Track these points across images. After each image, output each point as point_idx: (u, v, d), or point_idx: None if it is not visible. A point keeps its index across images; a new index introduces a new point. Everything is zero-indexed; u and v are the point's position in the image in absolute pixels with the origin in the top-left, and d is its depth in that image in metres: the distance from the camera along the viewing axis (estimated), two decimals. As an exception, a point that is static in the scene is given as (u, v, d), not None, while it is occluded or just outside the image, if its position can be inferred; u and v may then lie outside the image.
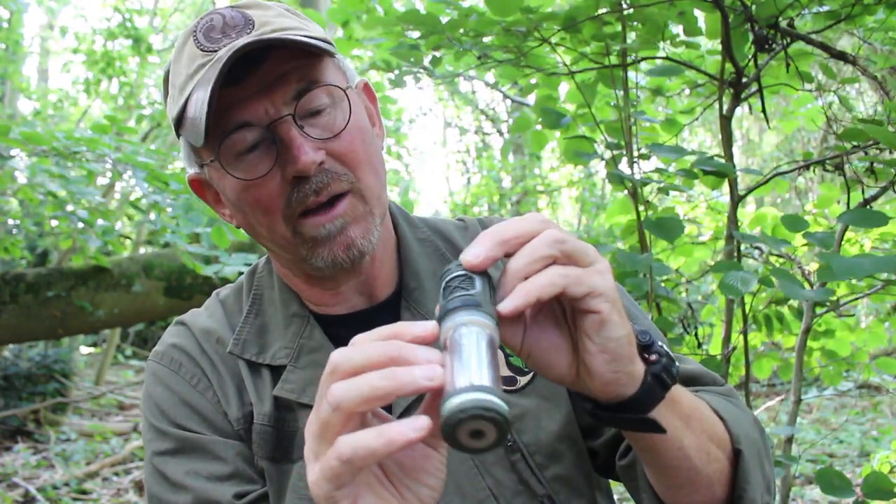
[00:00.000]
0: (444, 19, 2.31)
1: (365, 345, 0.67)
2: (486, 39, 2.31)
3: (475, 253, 0.70)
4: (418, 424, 0.62)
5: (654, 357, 0.79)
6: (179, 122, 1.00)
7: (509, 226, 0.72)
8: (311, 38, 0.99)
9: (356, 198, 1.00)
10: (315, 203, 0.98)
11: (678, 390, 0.84)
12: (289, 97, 0.97)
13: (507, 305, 0.68)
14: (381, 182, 1.05)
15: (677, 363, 0.81)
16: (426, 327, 0.67)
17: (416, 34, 2.37)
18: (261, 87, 0.96)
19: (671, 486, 0.91)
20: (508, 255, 0.72)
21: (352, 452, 0.63)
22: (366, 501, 0.68)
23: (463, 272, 0.70)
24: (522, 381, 1.08)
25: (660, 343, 0.80)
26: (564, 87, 2.74)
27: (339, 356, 0.67)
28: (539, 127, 2.72)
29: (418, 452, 0.71)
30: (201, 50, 0.98)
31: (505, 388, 1.06)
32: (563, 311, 0.77)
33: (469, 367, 0.62)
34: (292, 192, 0.98)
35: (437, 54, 2.42)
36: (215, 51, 0.97)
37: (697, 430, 0.86)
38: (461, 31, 2.29)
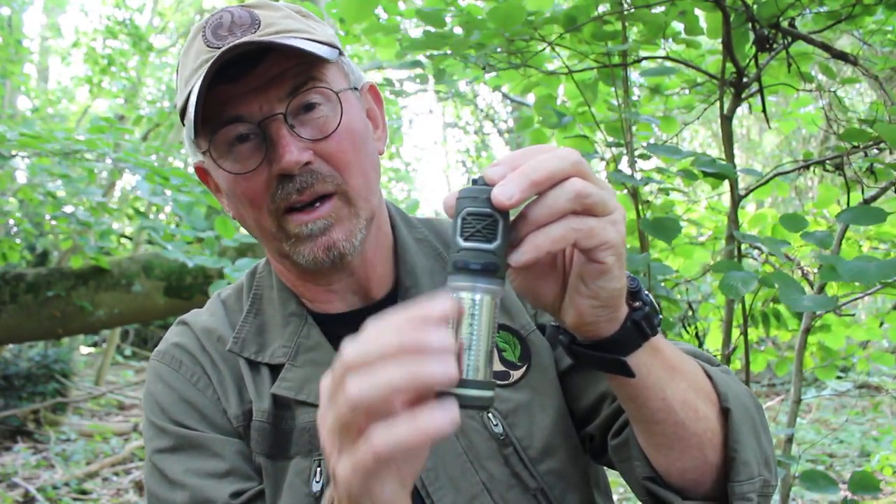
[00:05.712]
0: (450, 23, 2.31)
1: (378, 334, 0.64)
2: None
3: (508, 193, 0.67)
4: (451, 415, 0.62)
5: (637, 304, 0.80)
6: (183, 113, 1.02)
7: (543, 164, 0.69)
8: (314, 40, 1.01)
9: (341, 200, 1.02)
10: (298, 201, 1.00)
11: (661, 341, 0.84)
12: (283, 94, 0.99)
13: (518, 259, 0.69)
14: (370, 185, 1.06)
15: (661, 315, 0.82)
16: (443, 309, 0.64)
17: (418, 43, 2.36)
18: (258, 84, 0.99)
19: (660, 446, 0.90)
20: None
21: (389, 448, 0.62)
22: (389, 483, 0.67)
23: (487, 210, 0.68)
24: (515, 375, 1.09)
25: (646, 292, 0.82)
26: (563, 87, 2.75)
27: (351, 349, 0.64)
28: (537, 126, 2.72)
29: None
30: (207, 46, 1.01)
31: (498, 382, 1.07)
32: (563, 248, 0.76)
33: (479, 357, 0.68)
34: (277, 189, 1.00)
35: (441, 66, 2.42)
36: (220, 48, 0.99)
37: (682, 383, 0.86)
38: (465, 48, 2.29)
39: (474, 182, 0.70)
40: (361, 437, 0.64)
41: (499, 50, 2.38)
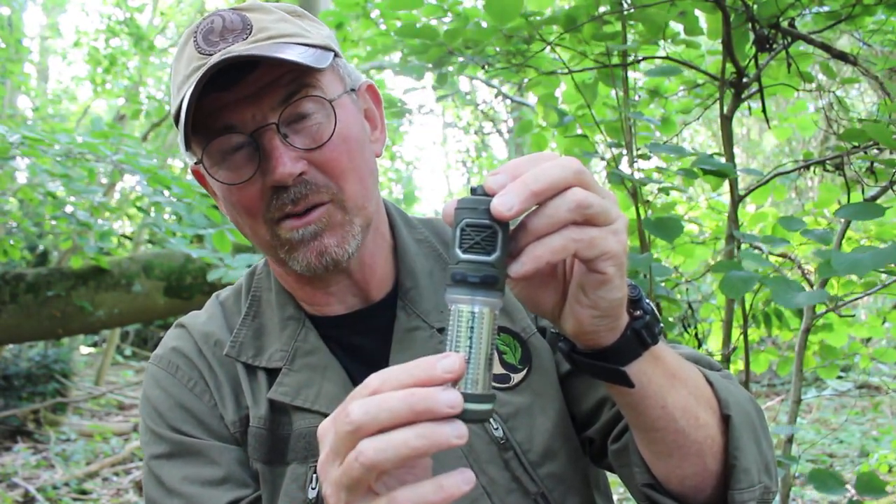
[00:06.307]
0: (443, 23, 2.31)
1: (386, 397, 0.65)
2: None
3: (508, 204, 0.66)
4: (468, 477, 0.65)
5: (638, 313, 0.80)
6: (177, 119, 1.01)
7: (544, 173, 0.68)
8: (309, 45, 1.00)
9: (336, 207, 1.01)
10: (293, 211, 0.99)
11: (662, 349, 0.83)
12: (276, 103, 0.98)
13: (517, 270, 0.68)
14: (367, 190, 1.04)
15: (661, 324, 0.82)
16: (452, 367, 0.65)
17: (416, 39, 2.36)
18: (250, 92, 0.97)
19: (660, 453, 0.89)
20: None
21: None
22: None
23: (486, 221, 0.67)
24: (516, 378, 1.08)
25: (647, 301, 0.81)
26: (563, 87, 2.74)
27: (359, 408, 0.65)
28: (537, 130, 2.72)
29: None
30: (199, 52, 0.99)
31: (498, 385, 1.07)
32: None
33: (478, 370, 0.68)
34: (272, 199, 0.99)
35: (441, 70, 2.41)
36: (211, 54, 0.97)
37: (682, 391, 0.85)
38: (460, 40, 2.27)
39: (473, 191, 0.69)
40: (381, 497, 0.66)
41: (497, 50, 2.38)
